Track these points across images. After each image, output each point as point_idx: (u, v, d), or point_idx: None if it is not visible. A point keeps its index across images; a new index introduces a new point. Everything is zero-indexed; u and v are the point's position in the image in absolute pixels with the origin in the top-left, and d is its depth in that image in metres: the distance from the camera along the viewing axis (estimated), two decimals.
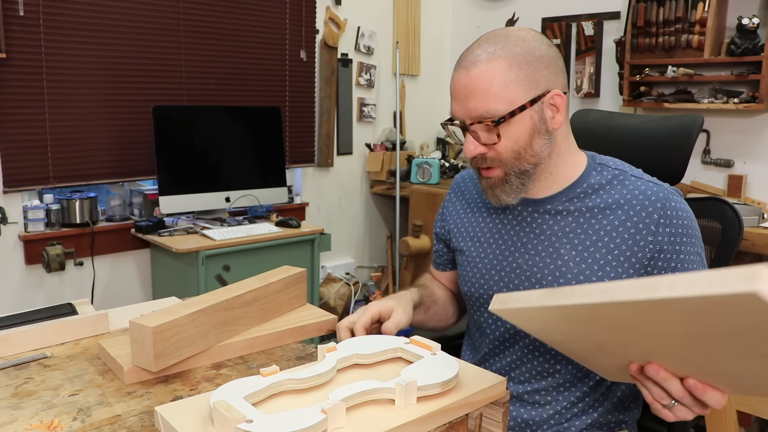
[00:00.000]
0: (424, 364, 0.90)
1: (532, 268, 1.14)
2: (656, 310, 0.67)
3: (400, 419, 0.79)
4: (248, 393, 0.81)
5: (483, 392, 0.88)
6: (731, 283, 0.59)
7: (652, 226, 1.07)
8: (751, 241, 2.39)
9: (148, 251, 2.92)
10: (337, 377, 0.91)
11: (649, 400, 0.85)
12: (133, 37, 2.77)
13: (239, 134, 2.97)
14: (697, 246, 1.10)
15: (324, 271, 3.64)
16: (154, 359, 0.94)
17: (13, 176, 2.53)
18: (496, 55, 1.02)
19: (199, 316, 1.01)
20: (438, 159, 3.61)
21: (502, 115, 1.02)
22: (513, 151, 1.05)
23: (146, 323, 0.94)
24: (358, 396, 0.81)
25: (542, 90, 1.04)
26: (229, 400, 0.78)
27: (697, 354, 0.76)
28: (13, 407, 0.88)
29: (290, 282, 1.22)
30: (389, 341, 1.00)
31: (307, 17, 3.35)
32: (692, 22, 2.86)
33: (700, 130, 1.44)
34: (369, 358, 0.96)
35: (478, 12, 3.99)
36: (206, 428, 0.77)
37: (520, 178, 1.08)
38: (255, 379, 0.85)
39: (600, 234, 1.10)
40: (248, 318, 1.12)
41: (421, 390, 0.83)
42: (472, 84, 1.03)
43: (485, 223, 1.23)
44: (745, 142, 2.93)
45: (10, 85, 2.47)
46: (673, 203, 1.09)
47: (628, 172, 1.14)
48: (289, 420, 0.75)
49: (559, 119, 1.07)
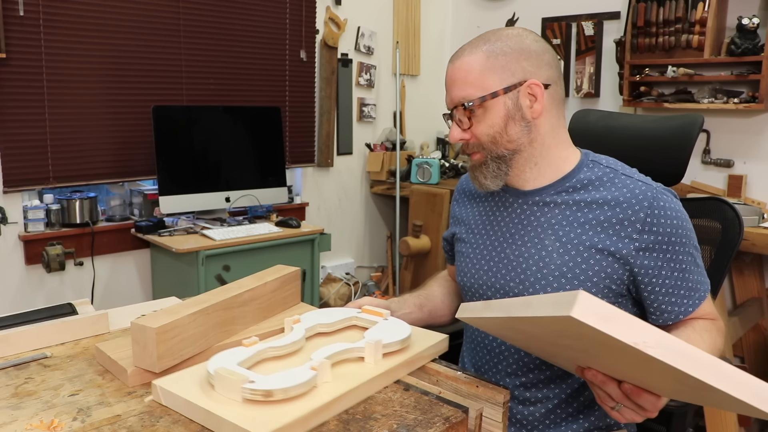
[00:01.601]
0: (382, 327, 1.07)
1: (518, 258, 1.17)
2: (541, 324, 0.77)
3: (373, 372, 0.94)
4: (240, 360, 0.92)
5: (432, 347, 1.05)
6: (558, 307, 0.69)
7: (638, 225, 1.08)
8: (751, 241, 2.39)
9: (148, 251, 2.92)
10: (307, 344, 1.05)
11: (598, 402, 0.92)
12: (133, 37, 2.77)
13: (239, 134, 2.97)
14: (689, 246, 1.10)
15: (324, 271, 3.64)
16: (157, 360, 0.94)
17: (13, 176, 2.53)
18: (479, 48, 1.11)
19: (199, 316, 1.02)
20: (438, 159, 3.61)
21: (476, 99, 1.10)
22: (489, 135, 1.12)
23: (149, 324, 0.94)
24: (338, 355, 0.96)
25: (518, 79, 1.10)
26: (228, 367, 0.88)
27: (601, 361, 0.82)
28: (13, 407, 0.88)
29: (285, 281, 1.25)
30: (345, 312, 1.15)
31: (307, 17, 3.35)
32: (692, 22, 2.86)
33: (700, 130, 1.44)
34: (330, 326, 1.11)
35: (478, 12, 3.99)
36: (207, 392, 0.86)
37: (496, 162, 1.14)
38: (240, 349, 0.97)
39: (585, 228, 1.11)
40: (246, 317, 1.14)
41: (385, 347, 0.99)
42: (454, 73, 1.13)
43: (479, 215, 1.27)
44: (745, 142, 2.93)
45: (10, 85, 2.47)
46: (662, 203, 1.09)
47: (620, 171, 1.15)
48: (287, 378, 0.87)
49: (537, 108, 1.11)
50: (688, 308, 1.10)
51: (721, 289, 1.41)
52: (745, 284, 2.86)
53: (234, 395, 0.85)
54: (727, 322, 2.49)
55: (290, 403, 0.84)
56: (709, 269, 1.41)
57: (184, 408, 0.87)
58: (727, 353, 2.44)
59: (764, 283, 2.83)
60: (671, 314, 1.11)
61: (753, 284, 2.84)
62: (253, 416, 0.81)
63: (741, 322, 2.65)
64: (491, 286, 1.21)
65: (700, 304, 1.11)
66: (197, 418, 0.85)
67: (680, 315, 1.11)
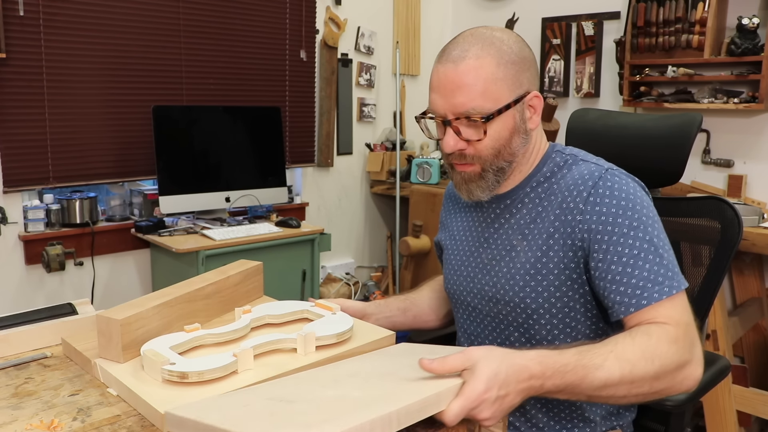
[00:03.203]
0: (324, 321, 1.09)
1: (491, 261, 1.16)
2: None
3: (299, 363, 0.97)
4: (173, 344, 0.97)
5: (373, 343, 1.06)
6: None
7: (581, 205, 1.04)
8: (751, 241, 2.39)
9: (148, 251, 2.92)
10: (251, 334, 1.08)
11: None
12: (133, 37, 2.77)
13: (239, 134, 2.97)
14: (641, 232, 1.01)
15: (324, 271, 3.64)
16: (122, 351, 0.97)
17: (13, 176, 2.53)
18: (485, 52, 1.03)
19: (163, 308, 1.05)
20: (438, 159, 3.61)
21: (490, 112, 1.04)
22: (493, 148, 1.07)
23: (113, 316, 0.97)
24: (265, 345, 0.99)
25: (524, 90, 1.07)
26: (157, 349, 0.94)
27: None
28: (13, 407, 0.88)
29: (247, 275, 1.29)
30: (298, 305, 1.17)
31: (307, 17, 3.35)
32: (692, 22, 2.86)
33: (698, 129, 1.44)
34: (279, 318, 1.14)
35: (478, 12, 3.99)
36: (137, 373, 0.93)
37: (496, 176, 1.10)
38: (180, 334, 1.01)
39: (545, 220, 1.09)
40: (209, 310, 1.18)
41: (319, 340, 1.01)
42: (460, 78, 1.03)
43: (462, 224, 1.26)
44: (745, 142, 2.93)
45: (10, 85, 2.47)
46: (609, 183, 1.04)
47: (579, 157, 1.13)
48: (206, 362, 0.91)
49: (535, 120, 1.10)
50: (641, 301, 0.98)
51: (721, 289, 1.41)
52: (745, 284, 2.86)
53: (156, 376, 0.90)
54: (728, 323, 2.48)
55: (205, 385, 0.88)
56: (709, 269, 1.41)
57: (115, 385, 0.93)
58: (727, 353, 2.44)
59: (764, 283, 2.83)
60: (621, 305, 1.00)
61: (753, 284, 2.84)
62: (165, 395, 0.85)
63: (741, 322, 2.65)
64: (470, 291, 1.21)
65: (659, 299, 0.97)
66: (124, 396, 0.91)
67: (631, 308, 0.99)
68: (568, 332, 1.12)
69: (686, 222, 1.46)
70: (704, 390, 1.29)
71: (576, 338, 1.12)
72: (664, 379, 0.92)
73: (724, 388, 2.31)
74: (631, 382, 0.90)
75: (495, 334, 1.18)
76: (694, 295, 1.40)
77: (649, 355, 0.91)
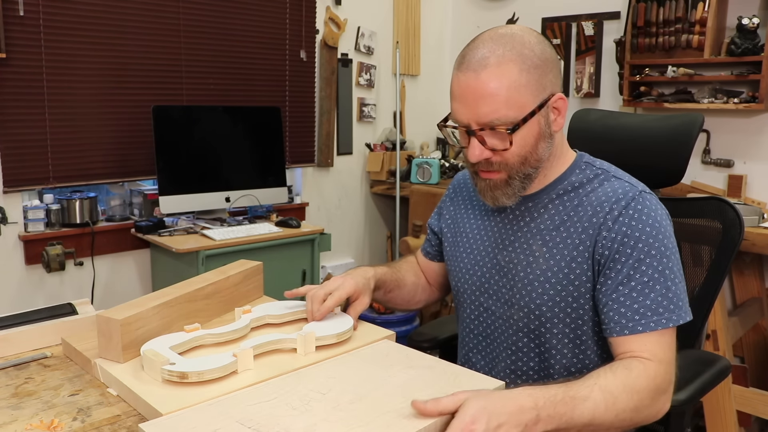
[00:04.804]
0: (324, 320, 1.10)
1: (509, 264, 1.15)
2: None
3: (299, 363, 0.97)
4: (173, 344, 0.97)
5: (373, 343, 1.05)
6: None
7: (610, 222, 1.04)
8: (751, 241, 2.39)
9: (148, 251, 2.92)
10: (251, 334, 1.08)
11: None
12: (133, 37, 2.77)
13: (239, 134, 2.97)
14: (657, 262, 1.01)
15: (324, 271, 3.64)
16: (122, 351, 0.97)
17: (13, 176, 2.53)
18: (506, 58, 1.00)
19: (163, 308, 1.05)
20: (438, 159, 3.61)
21: (515, 122, 1.01)
22: (520, 156, 1.05)
23: (114, 316, 0.97)
24: (265, 345, 0.99)
25: (548, 94, 1.04)
26: (157, 349, 0.94)
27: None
28: (13, 407, 0.88)
29: (247, 275, 1.29)
30: (297, 305, 1.18)
31: (307, 17, 3.35)
32: (692, 22, 2.86)
33: (700, 130, 1.44)
34: (279, 318, 1.14)
35: (478, 12, 3.99)
36: (137, 373, 0.93)
37: (522, 182, 1.09)
38: (180, 334, 1.01)
39: (570, 231, 1.09)
40: (209, 310, 1.18)
41: (319, 340, 1.01)
42: (482, 88, 1.00)
43: (475, 222, 1.25)
44: (745, 142, 2.93)
45: (10, 85, 2.47)
46: (640, 206, 1.04)
47: (611, 173, 1.12)
48: (206, 362, 0.91)
49: (560, 122, 1.08)
50: (637, 327, 1.00)
51: (721, 289, 1.41)
52: (745, 284, 2.86)
53: (156, 375, 0.90)
54: (728, 323, 2.48)
55: (205, 386, 0.88)
56: (710, 270, 1.41)
57: (115, 385, 0.93)
58: (727, 353, 2.44)
59: (764, 283, 2.83)
60: (617, 325, 1.02)
61: (753, 284, 2.84)
62: (165, 395, 0.85)
63: (741, 322, 2.65)
64: (484, 292, 1.20)
65: (654, 329, 0.99)
66: (124, 396, 0.91)
67: (625, 330, 1.01)
68: (578, 344, 1.12)
69: (688, 222, 1.46)
70: (704, 390, 1.28)
71: (583, 350, 1.12)
72: (642, 412, 0.97)
73: (724, 388, 2.31)
74: (615, 414, 0.93)
75: (505, 336, 1.18)
76: (695, 295, 1.40)
77: (629, 389, 0.94)
